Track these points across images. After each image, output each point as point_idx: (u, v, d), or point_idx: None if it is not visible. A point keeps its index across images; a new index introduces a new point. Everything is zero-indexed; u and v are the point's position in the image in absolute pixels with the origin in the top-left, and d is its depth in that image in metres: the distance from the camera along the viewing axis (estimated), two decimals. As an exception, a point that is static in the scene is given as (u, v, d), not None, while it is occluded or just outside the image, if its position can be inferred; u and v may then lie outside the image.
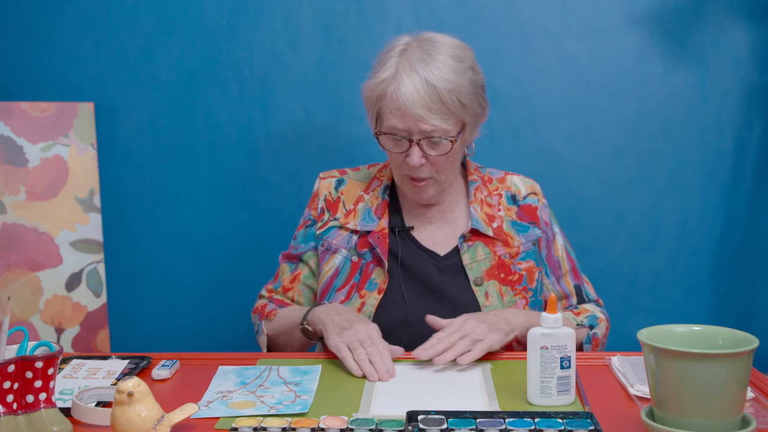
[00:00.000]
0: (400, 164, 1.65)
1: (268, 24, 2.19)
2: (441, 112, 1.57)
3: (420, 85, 1.56)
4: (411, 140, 1.60)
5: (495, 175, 1.79)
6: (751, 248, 2.22)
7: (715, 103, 2.19)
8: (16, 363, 1.15)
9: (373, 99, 1.63)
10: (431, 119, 1.57)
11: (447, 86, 1.57)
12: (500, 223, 1.71)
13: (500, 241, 1.70)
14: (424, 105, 1.56)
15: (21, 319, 2.14)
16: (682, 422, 1.10)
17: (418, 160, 1.60)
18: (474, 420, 1.18)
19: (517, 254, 1.70)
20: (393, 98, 1.58)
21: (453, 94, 1.58)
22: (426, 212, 1.74)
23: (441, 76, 1.57)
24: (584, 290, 1.80)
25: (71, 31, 2.20)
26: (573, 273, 1.79)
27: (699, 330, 1.19)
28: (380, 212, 1.72)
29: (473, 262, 1.68)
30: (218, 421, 1.23)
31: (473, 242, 1.69)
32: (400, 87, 1.57)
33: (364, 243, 1.71)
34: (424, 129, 1.58)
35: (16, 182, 2.14)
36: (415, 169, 1.63)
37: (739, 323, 2.10)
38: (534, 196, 1.76)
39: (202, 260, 2.26)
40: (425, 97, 1.56)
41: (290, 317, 1.70)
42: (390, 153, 1.66)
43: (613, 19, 2.17)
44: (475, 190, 1.74)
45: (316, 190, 1.79)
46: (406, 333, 1.63)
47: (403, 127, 1.59)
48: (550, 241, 1.76)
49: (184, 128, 2.23)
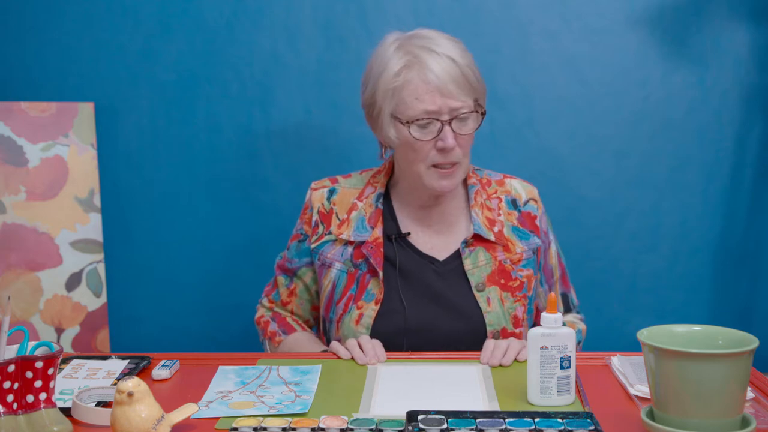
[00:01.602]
0: (426, 154, 1.62)
1: (268, 24, 2.19)
2: (465, 87, 1.60)
3: (446, 62, 1.59)
4: (442, 121, 1.59)
5: (493, 177, 1.77)
6: (751, 248, 2.22)
7: (715, 103, 2.19)
8: (16, 363, 1.15)
9: (390, 92, 1.61)
10: (459, 95, 1.59)
11: (464, 61, 1.61)
12: (500, 228, 1.70)
13: (501, 245, 1.69)
14: (453, 80, 1.58)
15: (21, 319, 2.14)
16: (682, 422, 1.10)
17: (452, 141, 1.60)
18: (474, 420, 1.18)
19: (519, 261, 1.69)
20: (422, 80, 1.58)
21: (469, 68, 1.62)
22: (424, 217, 1.73)
23: (455, 52, 1.61)
24: (570, 298, 1.81)
25: (71, 31, 2.20)
26: (562, 280, 1.80)
27: (699, 330, 1.19)
28: (374, 221, 1.70)
29: (475, 268, 1.67)
30: (218, 421, 1.23)
31: (474, 247, 1.68)
32: (427, 66, 1.58)
33: (359, 254, 1.69)
34: (454, 106, 1.59)
35: (16, 182, 2.14)
36: (447, 153, 1.61)
37: (739, 323, 2.11)
38: (534, 203, 1.75)
39: (202, 260, 2.26)
40: (452, 73, 1.58)
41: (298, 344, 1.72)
42: (417, 144, 1.61)
43: (613, 19, 2.17)
44: (475, 194, 1.72)
45: (308, 201, 1.77)
46: (406, 340, 1.63)
47: (434, 108, 1.58)
48: (546, 249, 1.76)
49: (184, 128, 2.23)
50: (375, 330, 1.63)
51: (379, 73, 1.62)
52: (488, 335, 1.64)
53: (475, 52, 1.66)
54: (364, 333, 1.63)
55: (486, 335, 1.64)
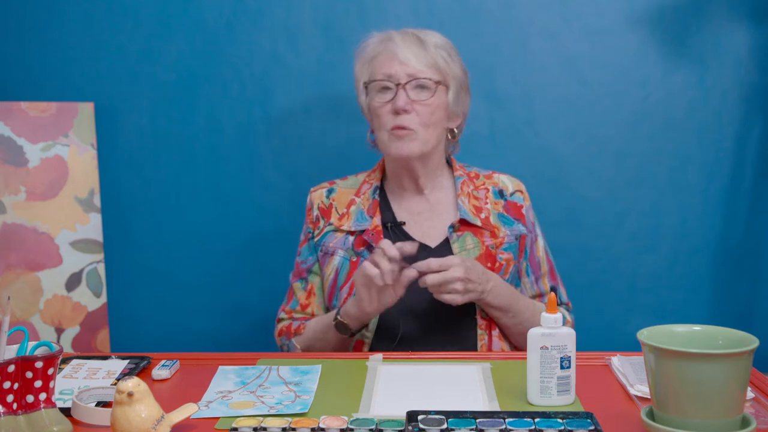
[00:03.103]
0: (385, 119, 1.73)
1: (268, 24, 2.19)
2: (427, 63, 1.72)
3: (413, 39, 1.75)
4: (397, 84, 1.71)
5: (482, 171, 1.86)
6: (751, 248, 2.22)
7: (715, 103, 2.19)
8: (16, 363, 1.15)
9: (362, 64, 1.79)
10: (418, 65, 1.72)
11: (434, 42, 1.75)
12: (487, 215, 1.78)
13: (488, 231, 1.76)
14: (415, 55, 1.72)
15: (21, 319, 2.14)
16: (682, 422, 1.10)
17: (403, 102, 1.70)
18: (474, 420, 1.18)
19: (501, 244, 1.76)
20: (388, 51, 1.74)
21: (440, 49, 1.75)
22: (414, 205, 1.81)
23: (429, 37, 1.76)
24: (558, 292, 1.86)
25: (71, 31, 2.20)
26: (551, 274, 1.86)
27: (699, 330, 1.19)
28: (372, 211, 1.78)
29: (463, 251, 1.74)
30: (218, 421, 1.23)
31: (462, 232, 1.76)
32: (395, 41, 1.74)
33: (360, 242, 1.76)
34: (410, 72, 1.71)
35: (16, 182, 2.14)
36: (400, 116, 1.71)
37: (739, 323, 2.10)
38: (520, 194, 1.83)
39: (202, 260, 2.26)
40: (416, 49, 1.73)
41: (321, 321, 1.76)
42: (377, 109, 1.74)
43: (613, 19, 2.17)
44: (461, 184, 1.80)
45: (309, 203, 1.86)
46: (402, 325, 1.69)
47: (392, 72, 1.72)
48: (533, 241, 1.82)
49: (184, 128, 2.23)
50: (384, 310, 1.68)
51: (362, 50, 1.80)
52: (477, 313, 1.72)
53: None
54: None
55: (476, 314, 1.72)
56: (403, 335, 1.69)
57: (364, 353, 1.65)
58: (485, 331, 1.72)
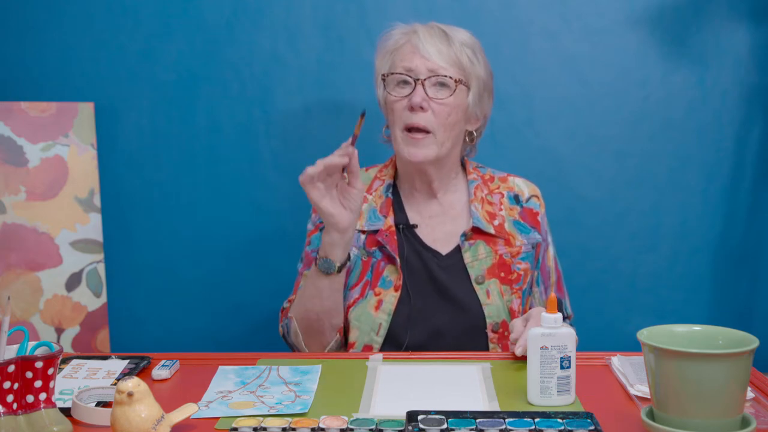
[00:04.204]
0: (400, 114, 1.67)
1: (268, 24, 2.19)
2: (450, 61, 1.67)
3: (436, 31, 1.70)
4: (416, 80, 1.66)
5: (497, 174, 1.81)
6: (751, 248, 2.22)
7: (715, 103, 2.19)
8: (16, 363, 1.15)
9: (384, 55, 1.73)
10: (440, 61, 1.66)
11: (461, 39, 1.70)
12: (501, 222, 1.73)
13: (502, 239, 1.72)
14: (438, 51, 1.67)
15: (21, 319, 2.14)
16: (682, 422, 1.10)
17: (421, 98, 1.64)
18: (474, 420, 1.18)
19: (518, 254, 1.72)
20: (411, 44, 1.69)
21: (465, 46, 1.69)
22: (427, 209, 1.76)
23: (457, 33, 1.71)
24: (564, 305, 1.83)
25: (71, 31, 2.20)
26: (557, 285, 1.82)
27: (699, 330, 1.19)
28: (385, 210, 1.74)
29: (474, 261, 1.70)
30: (218, 421, 1.23)
31: (474, 241, 1.71)
32: (419, 35, 1.69)
33: (373, 242, 1.73)
34: (431, 67, 1.66)
35: (16, 182, 2.14)
36: (416, 115, 1.65)
37: (739, 323, 2.10)
38: (536, 199, 1.79)
39: (202, 260, 2.26)
40: (440, 45, 1.68)
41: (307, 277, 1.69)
42: (393, 104, 1.69)
43: (613, 19, 2.17)
44: (475, 189, 1.76)
45: None
46: (409, 330, 1.67)
47: (412, 66, 1.67)
48: (545, 250, 1.79)
49: (184, 128, 2.23)
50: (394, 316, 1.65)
51: (384, 40, 1.75)
52: (488, 327, 1.67)
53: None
54: (385, 319, 1.67)
55: (486, 327, 1.67)
56: (412, 344, 1.66)
57: (364, 353, 1.64)
58: (497, 345, 1.68)
